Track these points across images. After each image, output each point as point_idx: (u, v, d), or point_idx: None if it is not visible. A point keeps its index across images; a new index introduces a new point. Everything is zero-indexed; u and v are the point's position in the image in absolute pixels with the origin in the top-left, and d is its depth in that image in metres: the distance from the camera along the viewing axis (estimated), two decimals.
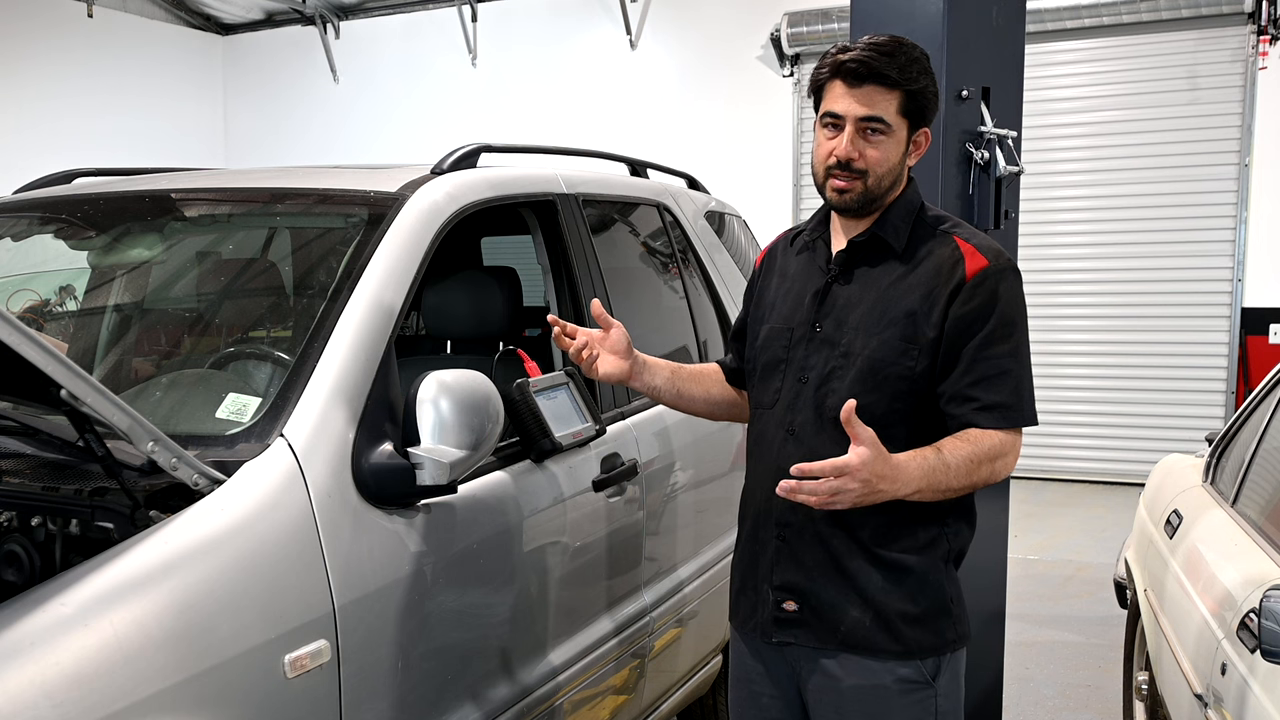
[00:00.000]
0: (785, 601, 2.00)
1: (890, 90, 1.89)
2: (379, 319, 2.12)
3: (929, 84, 1.94)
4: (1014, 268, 1.96)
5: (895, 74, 1.88)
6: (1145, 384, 8.32)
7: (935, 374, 1.92)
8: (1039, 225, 8.03)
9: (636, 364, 2.17)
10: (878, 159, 1.92)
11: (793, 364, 2.03)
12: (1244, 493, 2.93)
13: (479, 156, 2.71)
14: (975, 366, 1.90)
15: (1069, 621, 5.27)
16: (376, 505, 1.99)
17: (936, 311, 1.91)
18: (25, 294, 2.93)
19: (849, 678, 1.97)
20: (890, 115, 1.90)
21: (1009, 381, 1.89)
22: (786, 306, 2.07)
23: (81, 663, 1.49)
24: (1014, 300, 1.93)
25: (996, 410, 1.89)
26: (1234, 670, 2.30)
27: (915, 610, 1.94)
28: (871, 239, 1.99)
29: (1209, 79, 7.99)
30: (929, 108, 1.95)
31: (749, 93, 9.35)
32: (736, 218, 4.07)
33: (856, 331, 1.95)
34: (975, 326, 1.90)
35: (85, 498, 1.79)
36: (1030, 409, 1.93)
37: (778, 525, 2.02)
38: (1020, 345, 1.92)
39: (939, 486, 1.85)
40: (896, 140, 1.93)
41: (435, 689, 2.12)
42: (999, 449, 1.89)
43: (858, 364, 1.94)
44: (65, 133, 9.67)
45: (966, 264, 1.92)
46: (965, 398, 1.90)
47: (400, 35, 10.82)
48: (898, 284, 1.95)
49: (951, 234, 1.97)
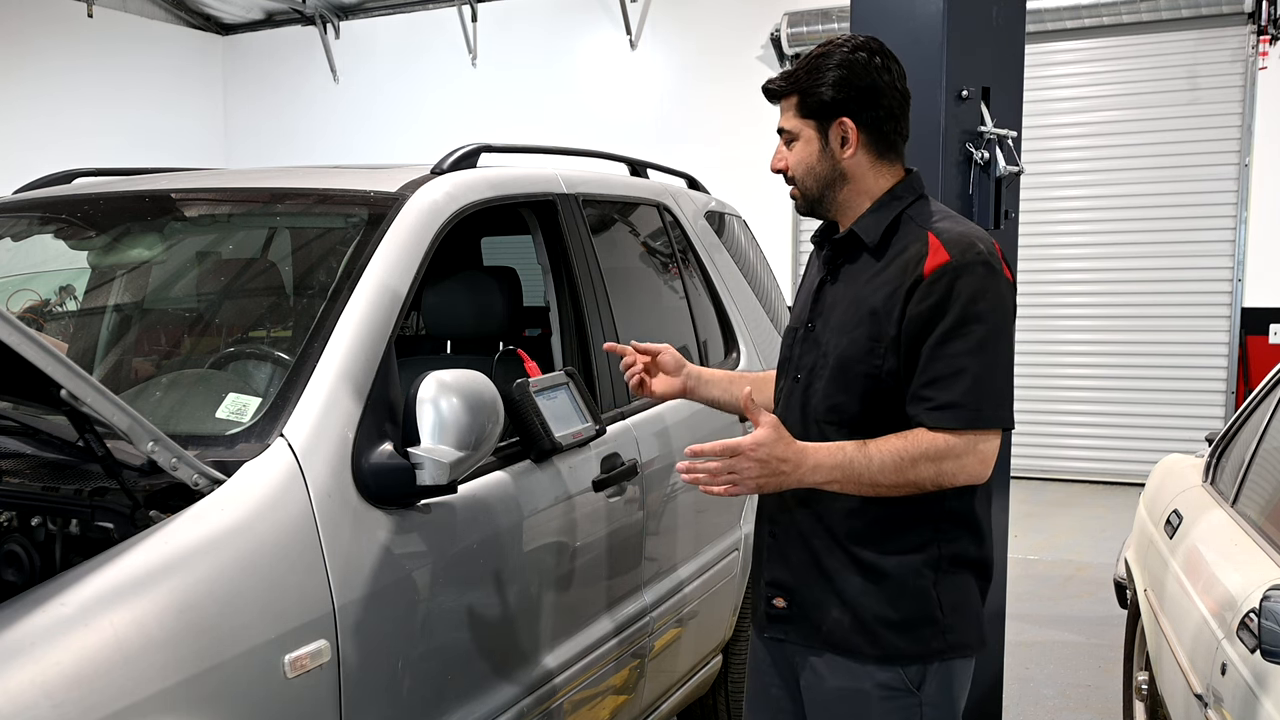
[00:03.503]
0: (775, 598, 2.03)
1: (786, 98, 2.00)
2: (379, 319, 2.12)
3: (816, 80, 1.94)
4: (982, 262, 1.86)
5: (780, 84, 2.00)
6: (1145, 384, 8.32)
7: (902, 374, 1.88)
8: (1039, 225, 8.03)
9: (690, 378, 2.24)
10: (794, 162, 2.00)
11: (792, 363, 2.05)
12: (1244, 493, 2.93)
13: (479, 156, 2.71)
14: (930, 365, 1.84)
15: (1069, 621, 5.27)
16: (376, 505, 1.99)
17: (896, 309, 1.87)
18: (25, 294, 2.93)
19: (833, 678, 1.97)
20: (790, 122, 1.99)
21: (963, 380, 1.82)
22: (799, 307, 2.11)
23: (81, 663, 1.49)
24: (976, 296, 1.84)
25: (948, 410, 1.82)
26: (1234, 670, 2.30)
27: (895, 615, 1.91)
28: (849, 236, 1.99)
29: (1209, 79, 7.99)
30: (831, 101, 1.93)
31: (749, 93, 9.29)
32: (736, 218, 4.07)
33: (834, 331, 1.96)
34: (931, 325, 1.84)
35: (85, 498, 1.79)
36: (991, 410, 1.84)
37: (769, 522, 2.05)
38: (985, 343, 1.83)
39: (860, 479, 1.83)
40: (805, 140, 1.98)
41: (435, 689, 2.12)
42: (945, 450, 1.82)
43: (831, 362, 1.94)
44: (65, 132, 9.67)
45: (928, 260, 1.86)
46: (919, 398, 1.85)
47: (400, 35, 10.82)
48: (870, 281, 1.94)
49: (929, 228, 1.91)
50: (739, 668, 3.43)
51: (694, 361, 3.37)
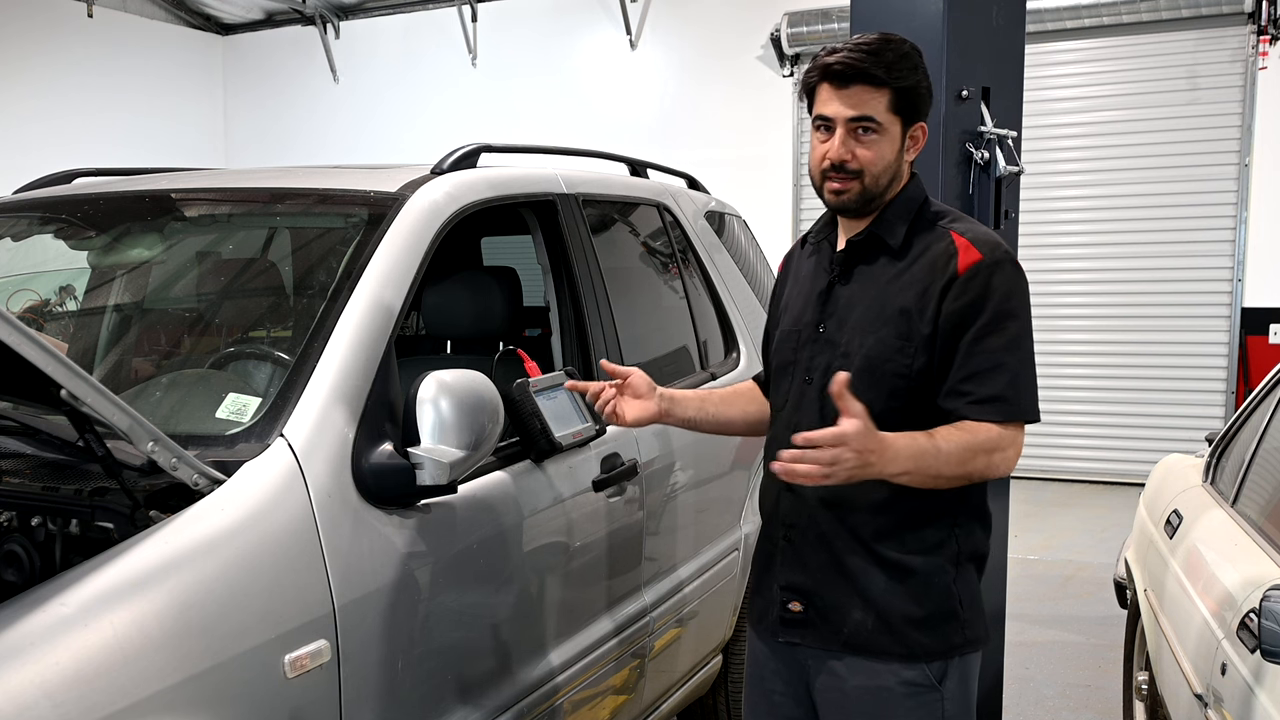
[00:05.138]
0: (791, 602, 2.01)
1: (878, 89, 1.88)
2: (379, 319, 2.12)
3: (919, 79, 1.92)
4: (1011, 260, 1.92)
5: (881, 72, 1.88)
6: (1145, 384, 8.32)
7: (934, 372, 1.90)
8: (1039, 225, 8.03)
9: (663, 401, 2.17)
10: (871, 158, 1.91)
11: (799, 365, 2.03)
12: (1244, 493, 2.93)
13: (479, 156, 2.71)
14: (969, 361, 1.87)
15: (1069, 621, 5.27)
16: (376, 505, 1.99)
17: (930, 308, 1.89)
18: (25, 294, 2.93)
19: (853, 678, 1.96)
20: (880, 114, 1.90)
21: (1004, 375, 1.86)
22: (797, 308, 2.08)
23: (81, 663, 1.49)
24: (1010, 293, 1.89)
25: (990, 404, 1.86)
26: (1234, 670, 2.30)
27: (920, 613, 1.92)
28: (869, 237, 1.98)
29: (1209, 79, 7.99)
30: (921, 103, 1.94)
31: (749, 93, 9.35)
32: (736, 218, 4.07)
33: (855, 331, 1.95)
34: (968, 321, 1.87)
35: (85, 498, 1.79)
36: (1029, 404, 1.88)
37: (784, 526, 2.02)
38: (1019, 339, 1.88)
39: (929, 470, 1.82)
40: (889, 138, 1.92)
41: (435, 689, 2.12)
42: (995, 442, 1.85)
43: (855, 362, 1.93)
44: (65, 133, 9.66)
45: (960, 258, 1.89)
46: (959, 392, 1.87)
47: (400, 35, 10.82)
48: (894, 281, 1.94)
49: (949, 229, 1.94)
50: (739, 668, 3.43)
51: (694, 362, 3.38)
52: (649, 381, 2.16)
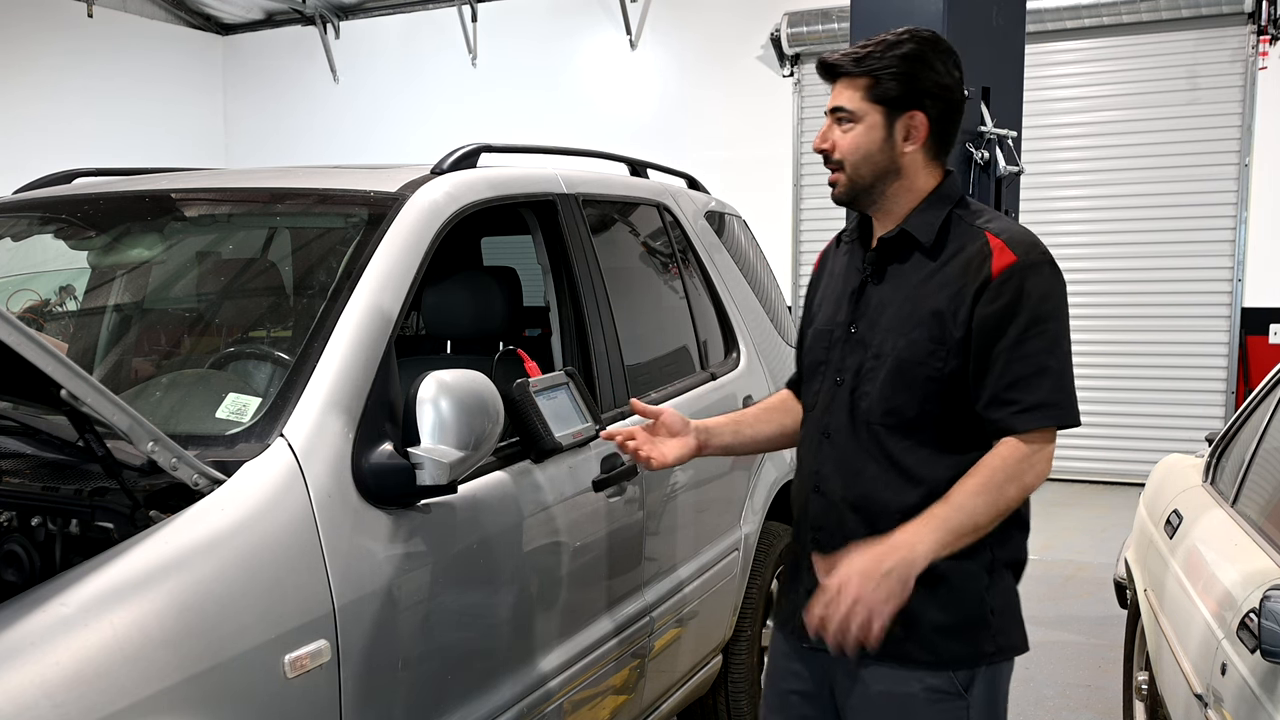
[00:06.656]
0: None
1: (854, 79, 1.91)
2: (379, 319, 2.12)
3: (905, 68, 1.89)
4: (1048, 261, 1.88)
5: (851, 64, 1.91)
6: (1145, 384, 8.32)
7: (967, 375, 1.86)
8: (1039, 225, 7.91)
9: (700, 434, 2.15)
10: (848, 146, 1.92)
11: (830, 366, 2.01)
12: (1244, 493, 2.93)
13: (479, 156, 2.71)
14: (1011, 367, 1.83)
15: (1069, 621, 5.27)
16: (376, 505, 1.99)
17: (963, 310, 1.86)
18: (25, 294, 2.94)
19: (877, 683, 1.93)
20: (854, 103, 1.91)
21: (1049, 379, 1.82)
22: (829, 308, 2.06)
23: (81, 663, 1.49)
24: (1046, 295, 1.85)
25: (1038, 410, 1.82)
26: (1234, 670, 2.30)
27: (949, 620, 1.89)
28: (900, 235, 1.95)
29: (1209, 79, 7.99)
30: (906, 91, 1.90)
31: (749, 93, 9.35)
32: (736, 218, 4.07)
33: (887, 332, 1.92)
34: (1004, 325, 1.83)
35: (85, 498, 1.79)
36: (1073, 406, 1.85)
37: (813, 529, 2.01)
38: (1058, 341, 1.85)
39: (960, 531, 1.81)
40: (867, 126, 1.91)
41: (435, 689, 2.12)
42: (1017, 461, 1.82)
43: (887, 365, 1.90)
44: (65, 133, 9.67)
45: (994, 260, 1.85)
46: (1004, 401, 1.83)
47: (400, 35, 10.82)
48: (926, 282, 1.91)
49: (985, 228, 1.91)
50: (739, 668, 3.43)
51: (694, 362, 3.38)
52: (681, 417, 2.14)
